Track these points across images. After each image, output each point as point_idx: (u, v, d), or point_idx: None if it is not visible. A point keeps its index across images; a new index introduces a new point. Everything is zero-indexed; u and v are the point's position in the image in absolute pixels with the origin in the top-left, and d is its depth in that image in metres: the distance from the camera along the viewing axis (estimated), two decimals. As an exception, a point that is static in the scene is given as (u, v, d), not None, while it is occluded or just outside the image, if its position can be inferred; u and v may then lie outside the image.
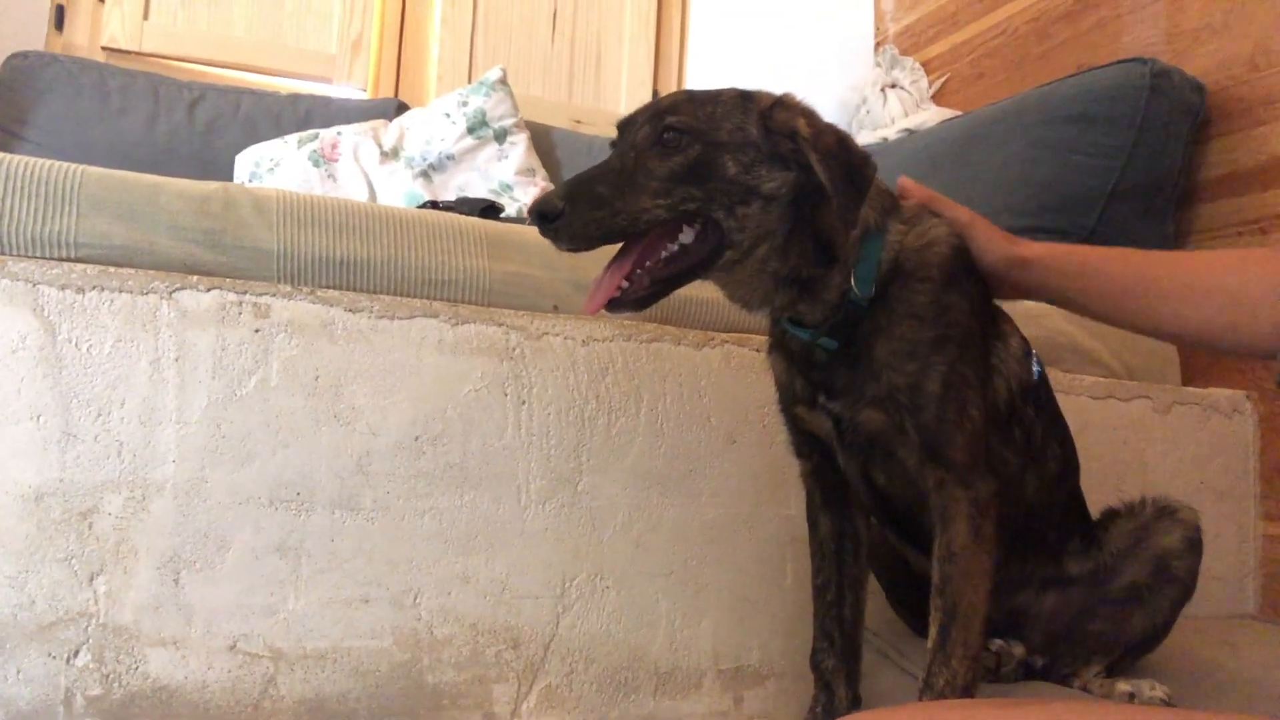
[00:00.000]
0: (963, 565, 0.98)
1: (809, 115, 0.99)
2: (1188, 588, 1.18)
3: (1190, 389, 1.80)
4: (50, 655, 1.07)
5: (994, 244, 1.10)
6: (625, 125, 1.00)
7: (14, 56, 2.51)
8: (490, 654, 1.24)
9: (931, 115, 2.76)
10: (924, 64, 3.03)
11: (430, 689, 1.21)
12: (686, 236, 0.96)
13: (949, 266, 1.04)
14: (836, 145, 0.96)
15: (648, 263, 0.96)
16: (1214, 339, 1.02)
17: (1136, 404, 1.70)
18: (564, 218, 0.89)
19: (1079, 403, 1.63)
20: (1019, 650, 1.19)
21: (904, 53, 3.11)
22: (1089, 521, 1.23)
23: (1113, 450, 1.66)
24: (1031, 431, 1.12)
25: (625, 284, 0.94)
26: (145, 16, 2.84)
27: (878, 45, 3.27)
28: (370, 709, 1.18)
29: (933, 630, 0.98)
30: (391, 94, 3.08)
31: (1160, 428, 1.71)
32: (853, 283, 1.00)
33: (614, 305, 0.94)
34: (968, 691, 0.95)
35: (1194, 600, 1.20)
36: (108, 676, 1.08)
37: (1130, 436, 1.68)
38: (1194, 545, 1.19)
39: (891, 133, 2.80)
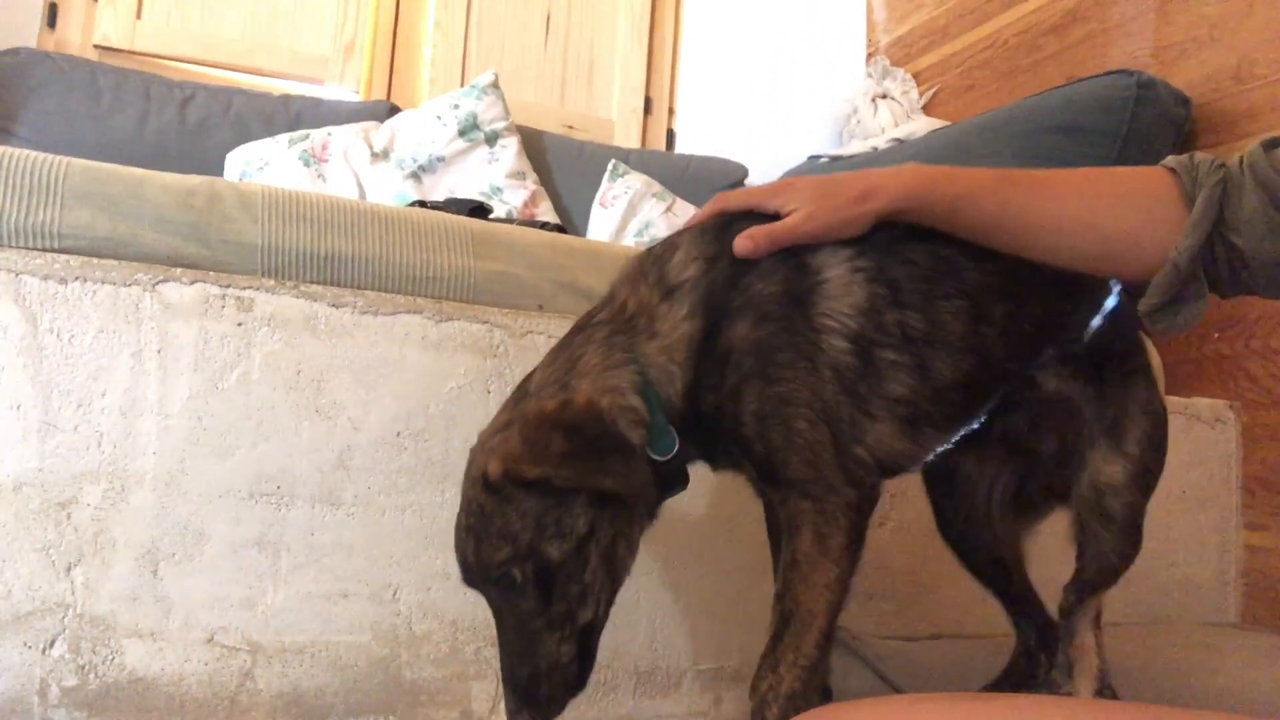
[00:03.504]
0: (804, 573, 0.94)
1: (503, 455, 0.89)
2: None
3: (1173, 398, 1.81)
4: (26, 645, 1.06)
5: (842, 227, 1.00)
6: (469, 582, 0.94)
7: (5, 53, 2.50)
8: (470, 651, 1.24)
9: (921, 125, 2.78)
10: (915, 75, 3.05)
11: (409, 685, 1.21)
12: None
13: (695, 353, 0.96)
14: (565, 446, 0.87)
15: None
16: (1089, 270, 1.02)
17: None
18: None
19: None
20: None
21: (895, 64, 3.14)
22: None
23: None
24: (911, 334, 1.00)
25: None
26: (138, 15, 2.84)
27: (869, 56, 3.29)
28: (348, 704, 1.17)
29: (768, 636, 0.96)
30: (384, 97, 3.08)
31: (1142, 436, 1.72)
32: (652, 455, 0.95)
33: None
34: (792, 701, 0.91)
35: (1176, 608, 1.20)
36: (84, 667, 1.08)
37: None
38: (1136, 478, 1.11)
39: (881, 142, 2.82)
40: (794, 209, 0.98)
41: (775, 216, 1.00)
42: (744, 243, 0.98)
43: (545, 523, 0.87)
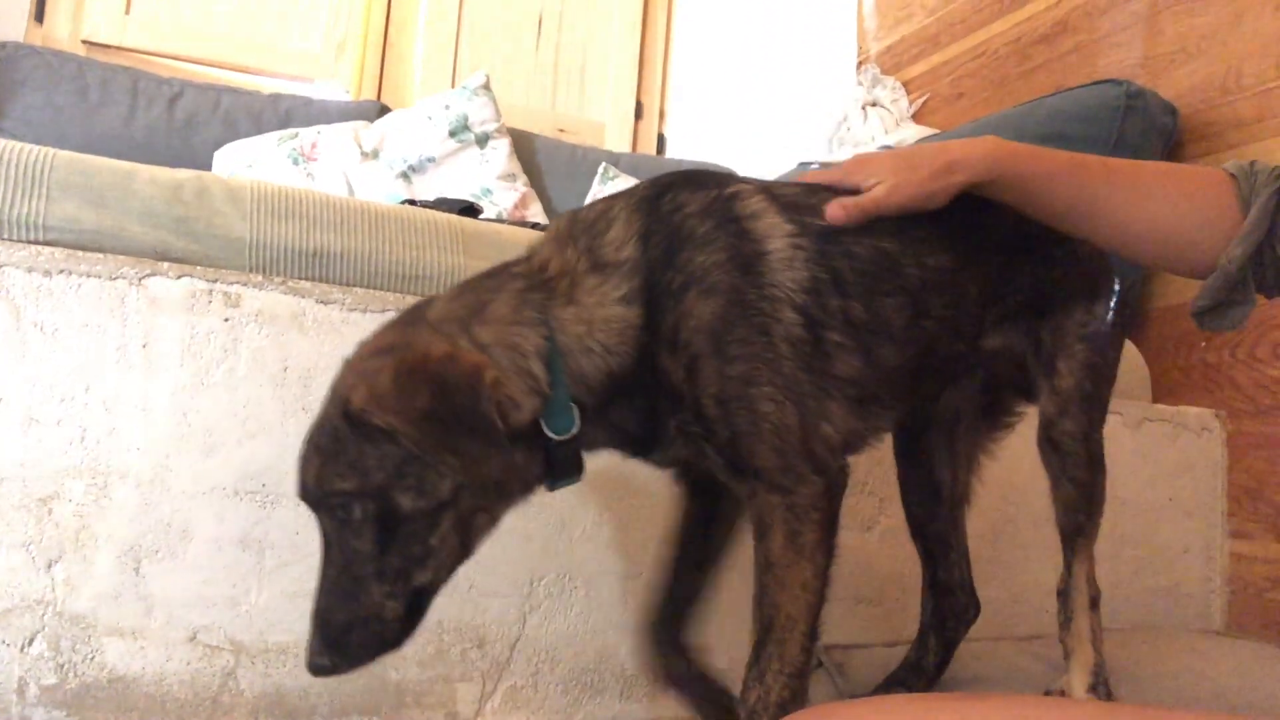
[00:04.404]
0: (779, 576, 0.91)
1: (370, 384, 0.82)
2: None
3: (1161, 406, 1.82)
4: (4, 643, 1.04)
5: (926, 200, 1.00)
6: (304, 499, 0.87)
7: (-8, 47, 2.49)
8: (455, 652, 1.23)
9: (911, 133, 2.79)
10: (905, 83, 3.06)
11: (393, 686, 1.19)
12: None
13: (633, 340, 0.91)
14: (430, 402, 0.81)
15: None
16: (1145, 263, 1.04)
17: (1108, 420, 1.70)
18: (339, 668, 0.84)
19: (1050, 417, 1.64)
20: None
21: (885, 72, 3.14)
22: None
23: (1082, 465, 1.66)
24: (854, 321, 0.98)
25: None
26: (126, 11, 2.82)
27: (859, 64, 3.30)
28: (331, 705, 1.16)
29: (751, 643, 0.93)
30: (374, 97, 3.07)
31: (1130, 444, 1.73)
32: (546, 431, 0.89)
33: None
34: (783, 709, 0.89)
35: (1162, 615, 1.20)
36: (63, 665, 1.06)
37: (1100, 451, 1.69)
38: (1075, 404, 1.12)
39: (871, 150, 2.82)
40: (876, 183, 0.99)
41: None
42: (835, 210, 0.98)
43: (405, 472, 0.81)
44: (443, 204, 1.96)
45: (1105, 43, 2.33)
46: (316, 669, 0.83)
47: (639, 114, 3.43)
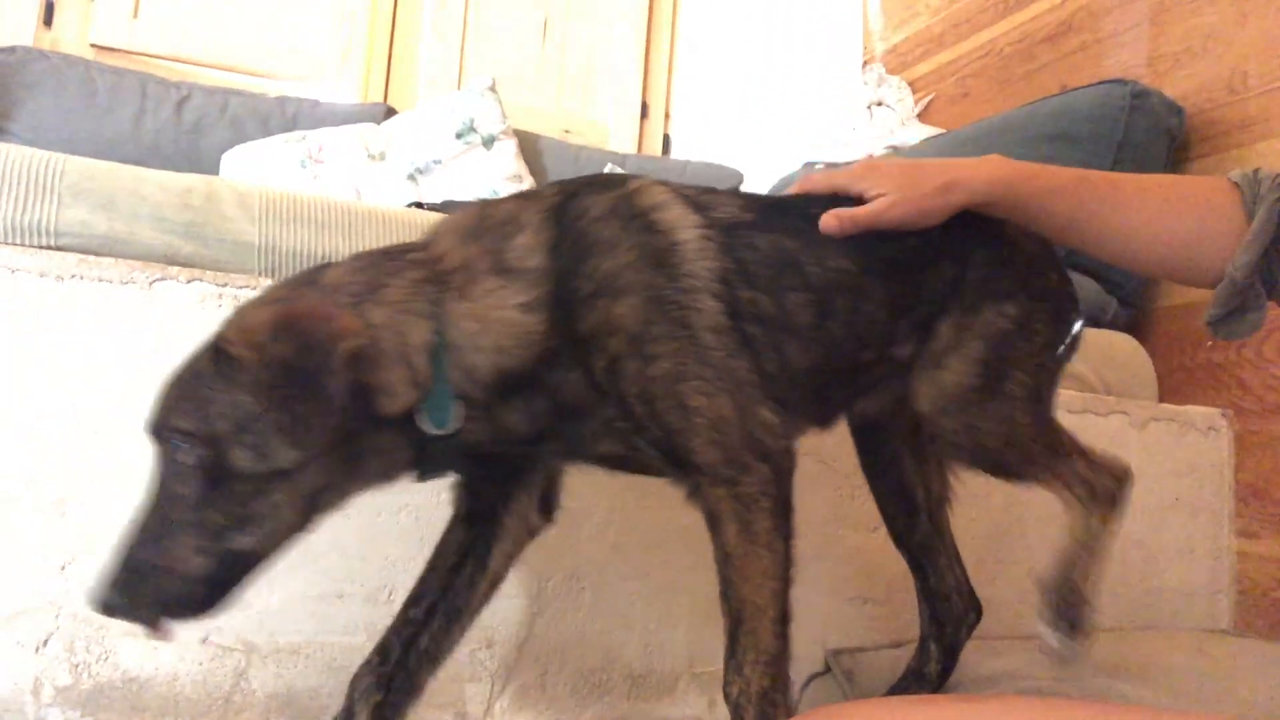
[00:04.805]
0: (739, 567, 0.90)
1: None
2: None
3: (1167, 405, 1.82)
4: (19, 644, 1.06)
5: (922, 217, 1.02)
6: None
7: (1, 51, 2.50)
8: (464, 653, 1.24)
9: (916, 133, 2.79)
10: (910, 83, 3.06)
11: (403, 687, 1.20)
12: None
13: (532, 346, 0.89)
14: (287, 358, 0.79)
15: None
16: (1154, 275, 1.04)
17: (1113, 419, 1.71)
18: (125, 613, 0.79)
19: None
20: None
21: (890, 72, 3.14)
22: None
23: (1088, 464, 1.67)
24: (764, 316, 0.96)
25: None
26: (134, 14, 2.83)
27: (865, 64, 3.30)
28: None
29: (725, 638, 0.92)
30: (380, 99, 3.08)
31: (1137, 444, 1.73)
32: (421, 424, 0.86)
33: None
34: (767, 698, 0.88)
35: (1168, 615, 1.20)
36: (77, 666, 1.07)
37: (1104, 452, 1.69)
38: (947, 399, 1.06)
39: (877, 149, 2.82)
40: (879, 194, 1.00)
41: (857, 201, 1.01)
42: (830, 221, 1.00)
43: (248, 429, 0.78)
44: (450, 206, 1.97)
45: (1110, 42, 2.32)
46: (103, 606, 0.78)
47: (645, 114, 3.44)
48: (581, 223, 0.93)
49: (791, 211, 1.04)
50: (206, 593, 0.80)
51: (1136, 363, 1.85)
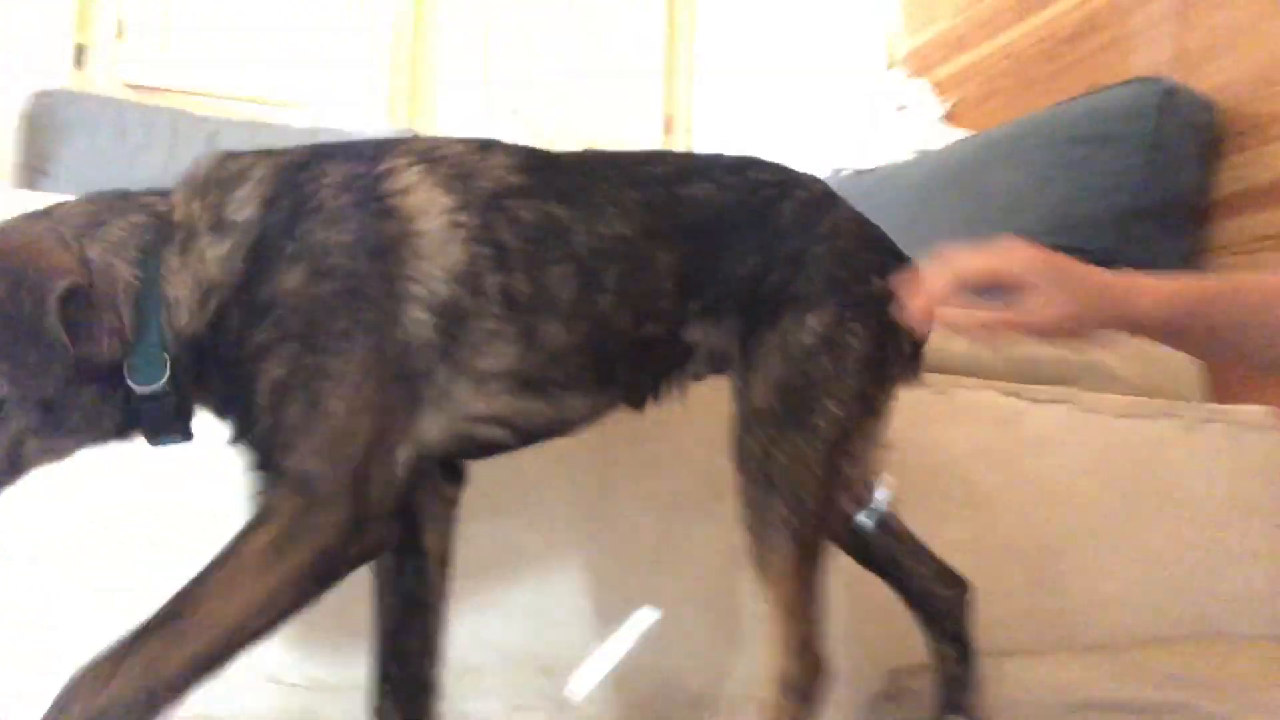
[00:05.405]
0: (231, 572, 0.78)
1: None
2: None
3: (1217, 405, 1.79)
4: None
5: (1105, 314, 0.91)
6: None
7: (38, 95, 2.54)
8: (522, 681, 1.24)
9: (942, 136, 2.78)
10: (934, 85, 3.05)
11: (461, 718, 1.21)
12: None
13: (213, 303, 0.84)
14: None
15: None
16: None
17: (1161, 422, 1.69)
18: None
19: (1100, 422, 1.62)
20: None
21: (914, 74, 3.14)
22: None
23: (1136, 470, 1.64)
24: (515, 299, 0.91)
25: None
26: (163, 50, 2.88)
27: (888, 67, 3.30)
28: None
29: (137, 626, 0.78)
30: (406, 124, 3.11)
31: (1187, 446, 1.69)
32: (130, 383, 0.82)
33: None
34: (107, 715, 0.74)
35: (1229, 622, 1.16)
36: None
37: (1154, 456, 1.67)
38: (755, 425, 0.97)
39: (902, 154, 2.81)
40: (1031, 294, 0.87)
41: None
42: (976, 329, 0.87)
43: None
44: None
45: (1136, 39, 2.31)
46: None
47: (668, 128, 3.45)
48: (310, 186, 0.87)
49: (574, 171, 0.98)
50: None
51: (1182, 364, 1.82)
